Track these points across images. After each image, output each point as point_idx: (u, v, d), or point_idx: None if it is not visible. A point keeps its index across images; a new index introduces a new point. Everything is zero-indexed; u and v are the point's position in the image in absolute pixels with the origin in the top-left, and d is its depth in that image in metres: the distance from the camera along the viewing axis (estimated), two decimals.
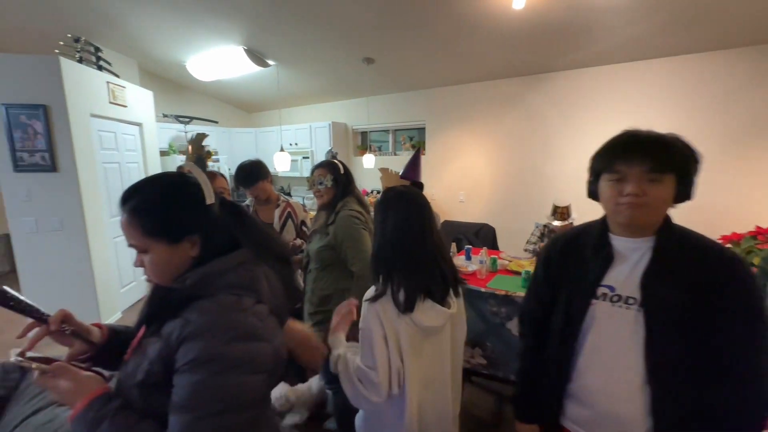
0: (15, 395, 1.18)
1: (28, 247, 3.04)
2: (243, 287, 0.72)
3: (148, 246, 0.70)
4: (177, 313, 0.68)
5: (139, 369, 0.67)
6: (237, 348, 0.65)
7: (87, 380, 0.68)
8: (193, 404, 0.61)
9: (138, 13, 3.34)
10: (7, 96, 2.85)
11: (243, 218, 0.80)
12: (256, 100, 5.78)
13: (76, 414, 0.65)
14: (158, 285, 0.73)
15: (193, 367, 0.62)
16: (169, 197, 0.72)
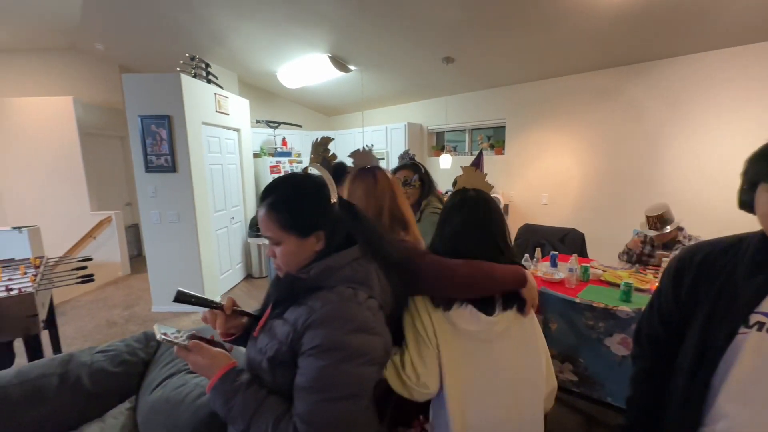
0: (154, 359, 1.41)
1: (154, 236, 3.61)
2: (357, 281, 0.77)
3: (282, 239, 0.78)
4: (301, 300, 0.75)
5: (269, 346, 0.75)
6: (356, 339, 0.71)
7: (218, 355, 0.78)
8: (318, 387, 0.68)
9: (240, 30, 3.75)
10: (141, 109, 3.41)
11: (358, 217, 0.86)
12: (335, 104, 6.09)
13: (212, 385, 0.75)
14: (286, 274, 0.81)
15: (317, 353, 0.69)
16: (302, 196, 0.79)
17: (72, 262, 2.70)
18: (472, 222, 0.99)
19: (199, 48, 4.10)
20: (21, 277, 2.33)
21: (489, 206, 1.01)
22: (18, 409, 1.14)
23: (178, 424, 1.07)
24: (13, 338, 2.00)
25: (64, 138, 4.57)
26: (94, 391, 1.26)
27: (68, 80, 4.97)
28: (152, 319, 3.52)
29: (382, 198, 1.14)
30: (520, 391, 0.94)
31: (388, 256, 0.85)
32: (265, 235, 0.80)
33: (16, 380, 1.18)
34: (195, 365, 0.77)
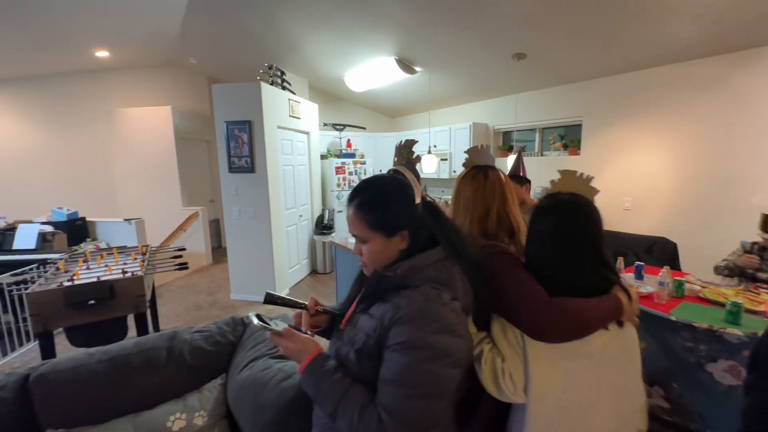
0: (241, 342, 1.55)
1: (234, 230, 3.97)
2: (441, 282, 0.78)
3: (369, 237, 0.81)
4: (386, 297, 0.79)
5: (356, 338, 0.79)
6: (441, 340, 0.72)
7: (307, 341, 0.84)
8: (402, 382, 0.70)
9: (313, 39, 3.96)
10: (227, 115, 3.77)
11: (440, 218, 0.87)
12: (398, 106, 6.16)
13: (303, 368, 0.81)
14: (374, 271, 0.84)
15: (402, 349, 0.71)
16: (388, 197, 0.83)
17: (169, 251, 3.08)
18: (567, 235, 0.88)
19: (275, 57, 4.42)
20: (132, 261, 2.72)
21: (589, 215, 0.90)
22: (136, 374, 1.33)
23: (264, 404, 1.17)
24: (127, 314, 2.33)
25: (163, 142, 5.23)
26: (193, 365, 1.42)
27: (166, 92, 5.67)
28: (231, 306, 3.87)
29: (490, 199, 1.07)
30: (620, 404, 0.89)
31: (472, 259, 0.85)
32: (352, 233, 0.84)
33: (135, 350, 1.38)
34: (287, 350, 0.83)
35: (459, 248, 0.84)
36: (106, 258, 2.80)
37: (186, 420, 1.26)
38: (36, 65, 4.82)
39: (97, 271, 2.46)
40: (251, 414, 1.22)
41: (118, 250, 2.98)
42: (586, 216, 0.91)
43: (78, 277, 2.32)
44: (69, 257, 2.86)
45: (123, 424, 1.22)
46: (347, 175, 5.23)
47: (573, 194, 0.94)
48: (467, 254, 0.85)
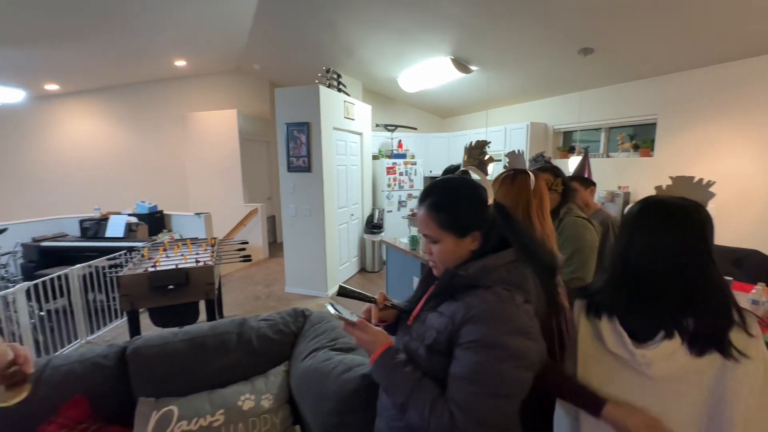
0: (302, 333, 1.63)
1: (290, 227, 4.18)
2: (513, 284, 0.77)
3: (441, 237, 0.82)
4: (457, 296, 0.79)
5: (426, 335, 0.81)
6: (514, 341, 0.72)
7: (379, 333, 0.87)
8: (475, 380, 0.71)
9: (369, 41, 4.04)
10: (287, 117, 3.98)
11: (511, 220, 0.86)
12: (450, 106, 6.08)
13: (375, 358, 0.84)
14: (445, 270, 0.84)
15: (475, 348, 0.72)
16: (461, 198, 0.83)
17: (234, 244, 3.31)
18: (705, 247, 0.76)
19: (333, 61, 4.58)
20: (203, 252, 2.96)
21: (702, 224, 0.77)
22: (212, 356, 1.45)
23: (325, 393, 1.22)
24: (198, 300, 2.55)
25: (228, 143, 5.64)
26: (260, 351, 1.52)
27: (232, 96, 6.11)
28: (286, 298, 4.08)
29: (515, 204, 1.09)
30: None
31: (544, 261, 0.84)
32: (423, 233, 0.85)
33: (211, 332, 1.51)
34: (359, 340, 0.87)
35: (531, 251, 0.83)
36: (181, 248, 3.09)
37: (254, 401, 1.36)
38: (124, 76, 5.44)
39: (174, 259, 2.73)
40: (313, 402, 1.28)
41: (191, 241, 3.27)
42: (712, 225, 0.79)
43: (159, 264, 2.58)
44: (151, 246, 3.19)
45: (200, 399, 1.34)
46: (398, 176, 5.26)
47: (687, 199, 0.81)
48: (540, 257, 0.83)
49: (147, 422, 1.25)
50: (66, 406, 1.23)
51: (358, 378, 1.17)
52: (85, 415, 1.25)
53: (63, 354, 1.39)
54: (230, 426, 1.29)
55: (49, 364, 1.31)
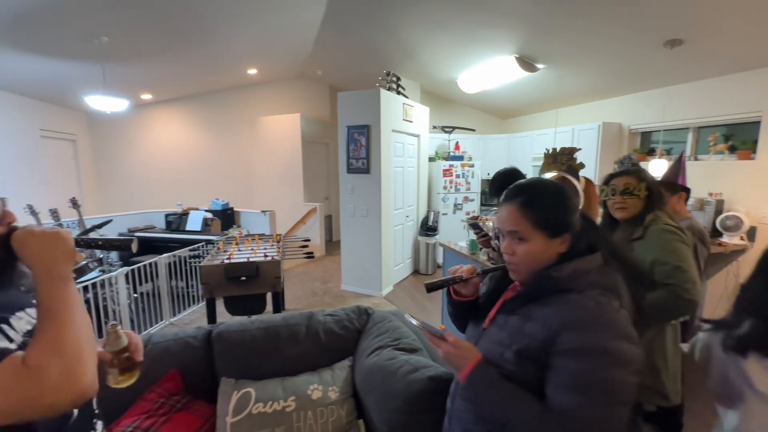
0: (365, 330, 1.67)
1: (348, 226, 4.31)
2: (606, 288, 0.75)
3: (531, 236, 0.80)
4: (544, 300, 0.77)
5: (515, 339, 0.78)
6: (621, 346, 0.69)
7: (469, 348, 0.83)
8: (585, 389, 0.68)
9: (429, 43, 4.04)
10: (348, 120, 4.11)
11: (595, 226, 0.86)
12: (512, 106, 5.85)
13: (467, 374, 0.79)
14: (535, 272, 0.81)
15: (580, 356, 0.69)
16: (557, 198, 0.82)
17: (297, 241, 3.49)
18: None
19: (393, 64, 4.64)
20: (270, 247, 3.16)
21: None
22: (284, 345, 1.55)
23: (391, 392, 1.24)
24: (266, 291, 2.73)
25: (291, 146, 5.97)
26: (326, 344, 1.59)
27: (296, 101, 6.46)
28: (341, 295, 4.21)
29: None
30: None
31: (635, 267, 0.82)
32: (510, 230, 0.82)
33: (283, 323, 1.61)
34: (447, 354, 0.83)
35: (620, 255, 0.81)
36: (251, 243, 3.33)
37: (322, 392, 1.42)
38: (203, 85, 6.00)
39: (246, 252, 2.95)
40: (378, 399, 1.31)
41: (259, 237, 3.52)
42: None
43: (233, 257, 2.81)
44: (225, 240, 3.48)
45: (274, 384, 1.43)
46: (454, 178, 5.18)
47: None
48: (630, 262, 0.82)
49: (229, 401, 1.37)
50: (163, 378, 1.39)
51: (426, 379, 1.17)
52: (178, 388, 1.40)
53: (161, 332, 1.56)
54: (300, 413, 1.36)
55: (150, 339, 1.49)
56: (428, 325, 0.87)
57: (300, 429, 1.34)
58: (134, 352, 0.82)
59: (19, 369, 0.54)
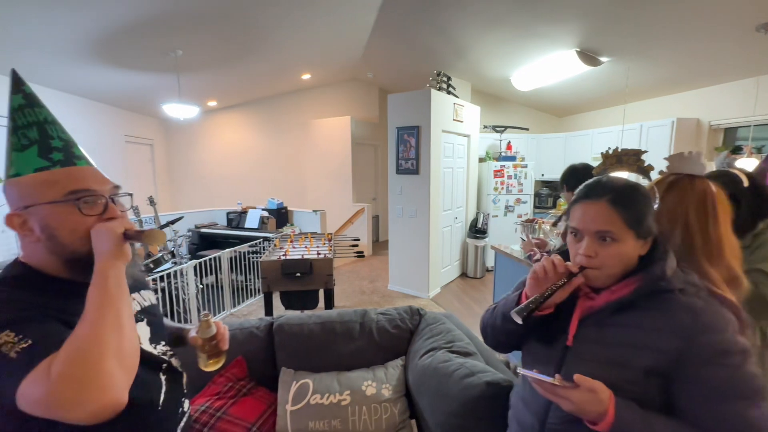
0: (417, 331, 1.67)
1: (396, 227, 4.33)
2: (696, 285, 0.74)
3: (622, 236, 0.73)
4: (639, 305, 0.73)
5: (632, 356, 0.69)
6: (742, 340, 0.68)
7: (600, 386, 0.66)
8: (735, 393, 0.65)
9: (482, 41, 3.94)
10: (398, 121, 4.14)
11: None
12: (569, 104, 5.52)
13: (613, 420, 0.64)
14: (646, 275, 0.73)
15: (722, 358, 0.66)
16: (647, 197, 0.78)
17: (347, 240, 3.58)
18: None
19: (443, 64, 4.60)
20: (322, 245, 3.28)
21: None
22: (339, 341, 1.60)
23: (447, 394, 1.23)
24: (319, 288, 2.84)
25: (341, 147, 6.14)
26: (379, 342, 1.62)
27: (346, 103, 6.62)
28: (389, 295, 4.25)
29: (678, 215, 0.89)
30: None
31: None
32: (598, 229, 0.74)
33: (338, 319, 1.66)
34: (581, 402, 0.65)
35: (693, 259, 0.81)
36: (304, 241, 3.48)
37: (376, 389, 1.45)
38: (262, 91, 6.37)
39: (300, 250, 3.09)
40: (433, 400, 1.30)
41: (311, 235, 3.66)
42: None
43: (289, 254, 2.95)
44: (281, 237, 3.67)
45: (330, 377, 1.49)
46: (506, 179, 5.01)
47: None
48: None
49: (288, 390, 1.44)
50: (231, 363, 1.50)
51: (483, 385, 1.15)
52: (244, 374, 1.51)
53: (226, 321, 1.69)
54: (355, 407, 1.40)
55: None
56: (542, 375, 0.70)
57: (355, 423, 1.38)
58: (221, 340, 0.90)
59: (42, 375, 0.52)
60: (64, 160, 0.67)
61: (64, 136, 0.70)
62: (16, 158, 0.66)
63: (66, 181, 0.65)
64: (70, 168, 0.67)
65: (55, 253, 0.66)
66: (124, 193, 0.75)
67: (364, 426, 1.38)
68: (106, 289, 0.59)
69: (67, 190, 0.65)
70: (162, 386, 0.81)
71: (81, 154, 0.71)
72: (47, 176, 0.65)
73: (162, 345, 0.87)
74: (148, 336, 0.83)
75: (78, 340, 0.54)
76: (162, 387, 0.80)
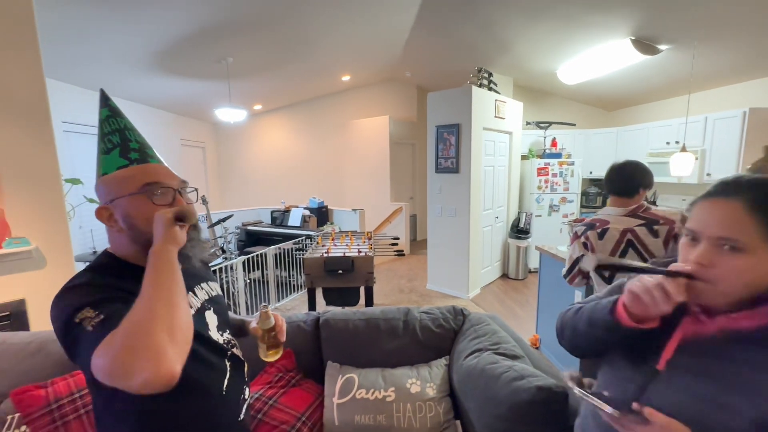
0: (461, 331, 1.66)
1: (435, 226, 4.30)
2: None
3: (753, 248, 0.59)
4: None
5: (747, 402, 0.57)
6: None
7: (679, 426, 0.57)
8: None
9: (526, 35, 3.80)
10: (438, 120, 4.10)
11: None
12: (621, 96, 5.18)
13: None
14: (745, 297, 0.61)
15: None
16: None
17: (387, 239, 3.61)
18: None
19: (485, 60, 4.49)
20: (363, 243, 3.33)
21: None
22: (383, 337, 1.62)
23: (495, 397, 1.21)
24: (360, 285, 2.89)
25: (380, 147, 6.19)
26: (423, 341, 1.62)
27: (386, 103, 6.67)
28: (427, 294, 4.23)
29: None
30: None
31: None
32: (721, 235, 0.61)
33: (382, 316, 1.69)
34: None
35: None
36: (345, 239, 3.55)
37: (420, 387, 1.45)
38: (303, 94, 6.58)
39: (341, 248, 3.16)
40: (480, 403, 1.29)
41: (352, 234, 3.73)
42: None
43: (331, 251, 3.03)
44: (322, 235, 3.78)
45: (375, 373, 1.51)
46: (550, 177, 4.80)
47: None
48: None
49: (335, 383, 1.49)
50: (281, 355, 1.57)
51: (534, 389, 1.12)
52: (293, 366, 1.57)
53: None
54: (400, 404, 1.41)
55: None
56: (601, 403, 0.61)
57: (399, 420, 1.39)
58: (279, 332, 0.95)
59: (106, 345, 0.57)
60: (140, 159, 0.77)
61: (140, 140, 0.80)
62: (104, 160, 0.76)
63: (141, 175, 0.75)
64: (144, 165, 0.77)
65: (135, 241, 0.75)
66: (191, 188, 0.83)
67: (409, 423, 1.39)
68: (158, 269, 0.64)
69: (142, 183, 0.74)
70: (227, 372, 0.86)
71: (154, 153, 0.81)
72: (126, 172, 0.75)
73: (227, 333, 0.94)
74: (216, 324, 0.89)
75: (134, 314, 0.59)
76: (227, 373, 0.86)
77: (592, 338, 0.78)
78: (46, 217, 2.12)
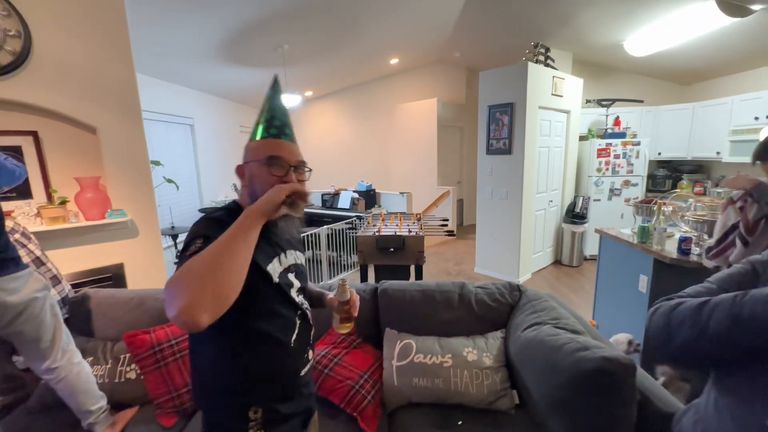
0: (518, 306, 1.66)
1: (484, 209, 4.23)
2: None
3: None
4: None
5: None
6: None
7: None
8: None
9: (590, 4, 3.53)
10: (490, 99, 3.98)
11: None
12: (698, 68, 4.65)
13: None
14: None
15: None
16: None
17: (436, 220, 3.62)
18: None
19: (541, 34, 4.25)
20: (412, 224, 3.38)
21: None
22: (439, 308, 1.67)
23: (556, 366, 1.22)
24: (410, 264, 2.95)
25: (427, 130, 6.14)
26: (478, 314, 1.66)
27: (433, 86, 6.56)
28: (475, 278, 4.21)
29: None
30: None
31: None
32: None
33: (438, 289, 1.74)
34: None
35: None
36: (394, 220, 3.62)
37: (476, 355, 1.49)
38: (352, 79, 6.66)
39: (392, 227, 3.23)
40: (540, 372, 1.30)
41: (401, 215, 3.79)
42: None
43: (382, 230, 3.12)
44: (373, 215, 3.88)
45: (431, 341, 1.58)
46: (612, 159, 4.49)
47: None
48: None
49: (394, 347, 1.57)
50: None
51: (599, 359, 1.11)
52: (354, 331, 1.68)
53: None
54: (457, 370, 1.47)
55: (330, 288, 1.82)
56: None
57: (457, 384, 1.45)
58: (352, 306, 1.03)
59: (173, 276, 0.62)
60: (276, 134, 0.90)
61: (284, 120, 0.93)
62: (254, 130, 0.91)
63: (268, 147, 0.87)
64: (276, 140, 0.89)
65: (251, 198, 0.86)
66: (308, 168, 0.92)
67: (466, 388, 1.44)
68: (236, 230, 0.70)
69: (267, 154, 0.85)
70: (296, 327, 0.95)
71: (290, 132, 0.93)
72: (260, 143, 0.88)
73: (303, 297, 1.03)
74: (298, 286, 0.99)
75: (196, 257, 0.65)
76: (296, 328, 0.95)
77: (725, 342, 0.59)
78: (138, 194, 2.41)
